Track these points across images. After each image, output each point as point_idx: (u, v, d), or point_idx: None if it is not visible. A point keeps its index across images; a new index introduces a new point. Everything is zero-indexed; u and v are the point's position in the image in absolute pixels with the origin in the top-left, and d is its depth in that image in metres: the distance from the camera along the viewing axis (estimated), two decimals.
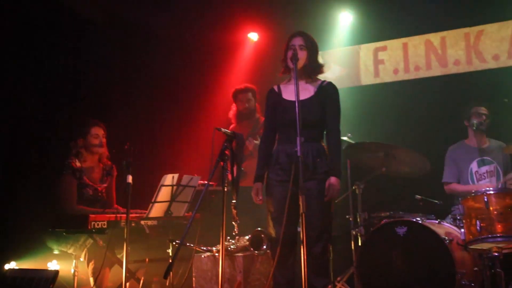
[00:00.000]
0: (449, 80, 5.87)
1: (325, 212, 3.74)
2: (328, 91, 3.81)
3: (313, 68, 3.81)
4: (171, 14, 6.13)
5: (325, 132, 3.83)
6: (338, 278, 4.80)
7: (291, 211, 3.44)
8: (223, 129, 3.62)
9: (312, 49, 3.80)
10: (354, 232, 4.72)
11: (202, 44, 6.40)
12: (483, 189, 3.94)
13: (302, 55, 3.71)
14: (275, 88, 3.93)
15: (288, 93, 3.82)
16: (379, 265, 4.15)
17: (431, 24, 5.95)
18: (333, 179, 3.66)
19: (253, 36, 6.64)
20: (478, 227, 3.79)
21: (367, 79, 6.33)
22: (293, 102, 3.50)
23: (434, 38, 6.01)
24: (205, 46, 6.42)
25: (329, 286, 4.52)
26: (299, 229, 3.30)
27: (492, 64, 5.74)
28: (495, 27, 5.75)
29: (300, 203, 3.26)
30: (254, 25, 6.55)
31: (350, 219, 4.85)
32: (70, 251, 4.41)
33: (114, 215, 4.26)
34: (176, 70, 6.40)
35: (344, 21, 6.36)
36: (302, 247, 3.23)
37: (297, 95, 3.43)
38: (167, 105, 6.25)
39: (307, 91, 3.72)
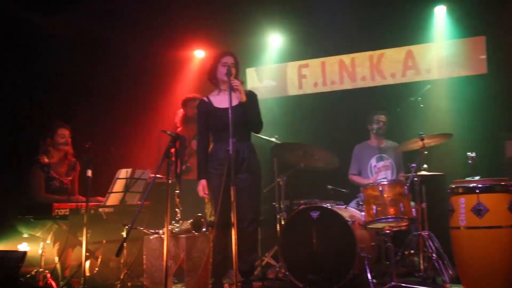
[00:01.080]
0: (357, 92, 6.07)
1: (255, 199, 3.90)
2: (251, 97, 3.93)
3: (240, 81, 3.92)
4: (129, 29, 6.08)
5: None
6: (266, 254, 4.93)
7: (225, 199, 3.53)
8: (168, 131, 3.69)
9: (238, 67, 3.95)
10: (278, 216, 4.84)
11: (155, 57, 6.35)
12: (379, 180, 4.16)
13: (233, 72, 3.84)
14: (205, 99, 4.00)
15: (218, 102, 3.92)
16: (297, 243, 4.21)
17: (344, 48, 6.14)
18: None
19: (199, 54, 6.68)
20: (374, 211, 3.94)
21: (293, 90, 6.44)
22: (225, 109, 3.64)
23: (346, 58, 6.19)
24: (157, 59, 6.35)
25: (258, 261, 4.72)
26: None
27: (390, 81, 5.98)
28: (392, 51, 6.00)
29: (232, 192, 3.41)
30: (199, 43, 6.57)
31: (276, 205, 4.93)
32: (38, 234, 4.37)
33: (75, 204, 4.27)
34: (131, 79, 6.32)
35: (275, 42, 6.47)
36: (234, 228, 3.38)
37: (230, 102, 3.57)
38: (123, 109, 6.18)
39: (234, 99, 3.81)
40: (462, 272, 3.58)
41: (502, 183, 3.46)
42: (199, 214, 4.14)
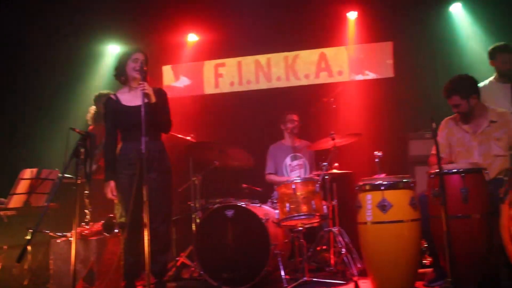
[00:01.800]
0: (273, 92, 6.18)
1: (168, 199, 3.85)
2: (160, 94, 3.86)
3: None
4: (30, 16, 5.74)
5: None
6: (181, 254, 4.86)
7: (137, 199, 3.43)
8: (77, 129, 3.53)
9: (147, 65, 3.85)
10: (194, 216, 4.83)
11: (63, 55, 6.08)
12: (292, 178, 4.27)
13: (145, 69, 3.74)
14: (113, 96, 3.88)
15: (127, 100, 3.81)
16: (213, 241, 4.20)
17: (260, 48, 6.23)
18: None
19: (113, 49, 6.46)
20: (288, 208, 4.03)
21: (209, 89, 6.43)
22: (135, 107, 3.56)
23: (262, 58, 6.28)
24: (66, 52, 6.10)
25: (173, 262, 4.66)
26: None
27: (304, 82, 6.16)
28: (307, 53, 6.17)
29: (144, 192, 3.32)
30: (113, 38, 6.36)
31: (192, 204, 4.92)
32: None
33: None
34: (40, 78, 6.02)
35: (191, 41, 6.41)
36: (146, 229, 3.30)
37: (143, 100, 3.48)
38: (24, 105, 5.87)
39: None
40: (369, 265, 3.75)
41: (404, 180, 3.67)
42: (111, 215, 4.01)
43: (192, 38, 6.42)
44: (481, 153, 3.92)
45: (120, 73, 3.85)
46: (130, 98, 3.79)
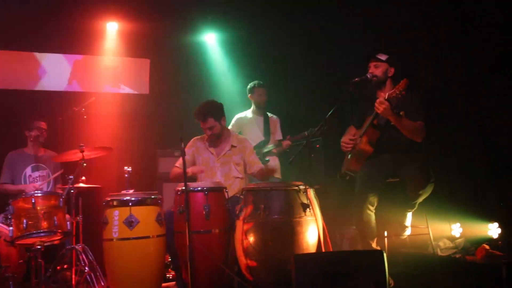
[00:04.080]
0: (17, 94, 5.59)
1: None
2: None
3: None
4: None
5: None
6: None
7: None
8: None
9: None
10: None
11: None
12: (32, 192, 3.90)
13: None
14: None
15: None
16: None
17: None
18: None
19: None
20: (25, 225, 3.66)
21: None
22: None
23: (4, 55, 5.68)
24: None
25: None
26: None
27: (54, 87, 5.77)
28: (60, 57, 5.83)
29: None
30: None
31: None
32: None
33: None
34: None
35: None
36: None
37: None
38: None
39: None
40: (113, 282, 3.67)
41: (152, 197, 3.74)
42: None
43: None
44: (223, 174, 4.31)
45: None
46: None
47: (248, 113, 5.41)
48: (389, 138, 3.89)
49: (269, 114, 5.44)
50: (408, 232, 4.07)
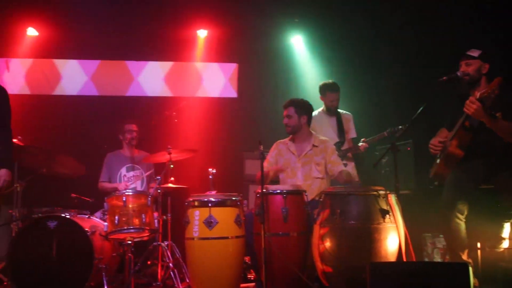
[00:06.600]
0: (114, 100, 6.02)
1: None
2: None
3: None
4: None
5: None
6: None
7: None
8: None
9: None
10: (13, 226, 4.42)
11: None
12: (123, 190, 4.18)
13: None
14: None
15: None
16: (31, 255, 3.89)
17: (105, 53, 6.02)
18: (3, 171, 3.57)
19: None
20: (117, 221, 3.94)
21: (45, 90, 6.01)
22: None
23: (106, 64, 6.09)
24: None
25: None
26: None
27: (148, 93, 6.10)
28: (153, 65, 6.14)
29: None
30: None
31: (13, 213, 4.54)
32: None
33: None
34: None
35: (30, 35, 5.92)
36: None
37: None
38: None
39: None
40: (193, 280, 3.80)
41: (233, 198, 3.82)
42: None
43: (32, 32, 5.94)
44: (304, 174, 4.28)
45: None
46: None
47: (319, 113, 5.19)
48: (483, 141, 3.61)
49: (341, 111, 5.22)
50: (505, 244, 3.74)
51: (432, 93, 3.76)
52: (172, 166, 4.42)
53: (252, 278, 4.50)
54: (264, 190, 3.65)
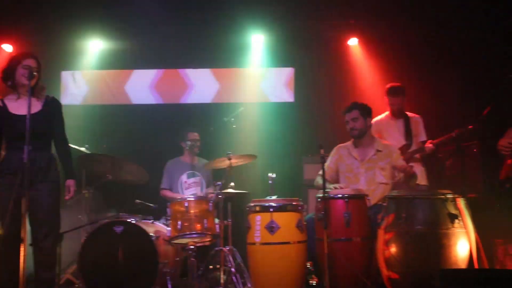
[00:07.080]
0: (173, 108, 6.13)
1: (54, 212, 3.64)
2: (54, 105, 3.73)
3: (41, 86, 3.69)
4: None
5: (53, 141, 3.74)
6: (67, 270, 4.61)
7: (16, 212, 3.23)
8: None
9: (40, 72, 3.67)
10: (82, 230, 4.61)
11: None
12: (185, 196, 4.25)
13: (36, 76, 3.56)
14: (0, 103, 3.67)
15: (15, 108, 3.62)
16: (99, 258, 4.03)
17: (165, 62, 6.19)
18: (70, 181, 3.69)
19: (6, 47, 6.05)
20: (180, 226, 4.00)
21: (109, 99, 6.19)
22: (22, 115, 3.38)
23: (166, 73, 6.24)
24: None
25: (57, 279, 4.38)
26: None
27: (205, 100, 6.18)
28: (210, 71, 6.20)
29: (22, 205, 3.14)
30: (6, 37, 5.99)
31: (81, 218, 4.73)
32: None
33: None
34: None
35: (94, 48, 6.13)
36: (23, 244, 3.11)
37: (29, 109, 3.30)
38: None
39: (35, 106, 3.56)
40: (256, 285, 3.81)
41: (294, 203, 3.80)
42: None
43: (96, 45, 6.18)
44: (367, 180, 4.19)
45: (7, 77, 3.65)
46: (18, 106, 3.61)
47: (386, 116, 5.07)
48: None
49: (409, 114, 5.06)
50: None
51: (500, 91, 3.58)
52: (232, 172, 4.45)
53: (314, 284, 4.44)
54: (325, 195, 3.61)
